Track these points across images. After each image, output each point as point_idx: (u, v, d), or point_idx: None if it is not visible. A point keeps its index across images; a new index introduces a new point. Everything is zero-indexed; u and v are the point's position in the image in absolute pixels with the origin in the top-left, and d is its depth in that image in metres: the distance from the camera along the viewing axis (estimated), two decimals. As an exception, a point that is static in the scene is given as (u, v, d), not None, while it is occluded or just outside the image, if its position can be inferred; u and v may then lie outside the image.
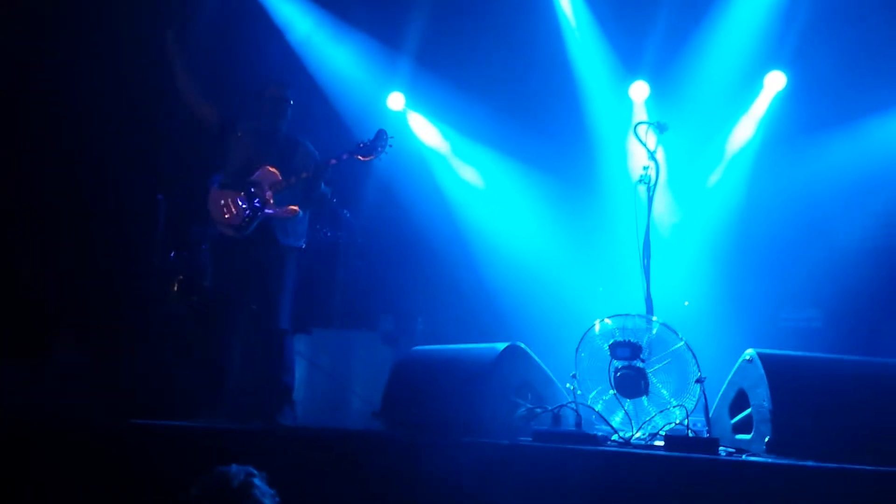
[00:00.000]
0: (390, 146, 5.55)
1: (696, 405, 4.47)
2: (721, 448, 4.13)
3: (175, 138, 6.88)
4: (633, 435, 4.49)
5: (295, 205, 5.47)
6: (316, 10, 7.77)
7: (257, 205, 5.41)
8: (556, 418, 4.57)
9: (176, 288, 6.72)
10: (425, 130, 8.13)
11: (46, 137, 7.09)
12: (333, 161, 5.47)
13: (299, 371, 6.31)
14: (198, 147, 6.02)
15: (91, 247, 7.16)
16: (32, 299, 6.68)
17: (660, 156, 5.11)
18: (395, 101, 7.99)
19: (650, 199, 4.97)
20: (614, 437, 4.45)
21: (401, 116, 8.01)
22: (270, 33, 7.65)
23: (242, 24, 7.57)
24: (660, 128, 5.13)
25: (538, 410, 4.67)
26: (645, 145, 5.05)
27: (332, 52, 7.84)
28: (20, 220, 6.94)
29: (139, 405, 5.39)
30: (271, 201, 5.42)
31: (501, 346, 4.77)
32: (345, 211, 7.38)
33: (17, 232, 6.90)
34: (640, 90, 7.26)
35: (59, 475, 4.33)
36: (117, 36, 6.98)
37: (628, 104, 7.26)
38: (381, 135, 5.53)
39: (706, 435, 4.39)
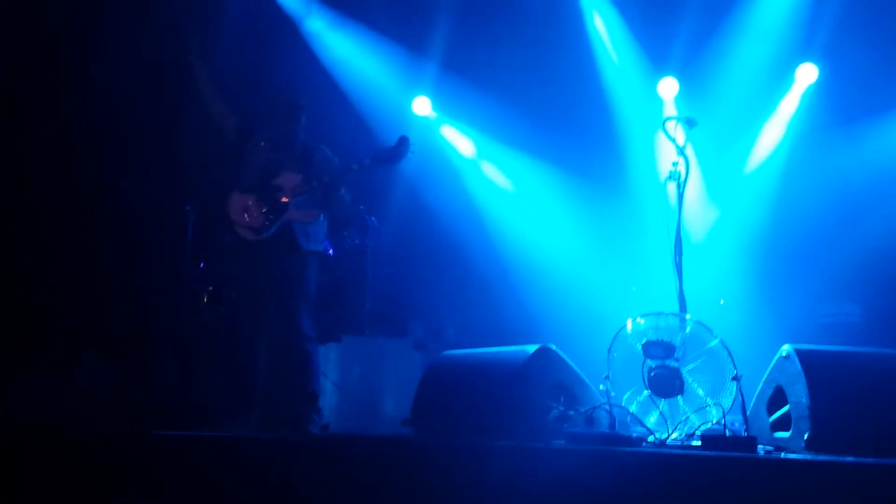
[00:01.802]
0: (412, 152, 5.51)
1: (732, 403, 4.37)
2: (759, 446, 4.03)
3: (202, 148, 6.89)
4: (668, 435, 4.40)
5: (314, 209, 5.47)
6: (340, 16, 7.76)
7: (277, 208, 5.41)
8: (590, 420, 4.48)
9: (205, 299, 6.74)
10: (451, 134, 8.09)
11: (76, 150, 7.12)
12: (355, 166, 5.46)
13: (331, 378, 6.30)
14: (224, 157, 6.03)
15: (121, 258, 7.19)
16: (62, 311, 6.70)
17: (689, 151, 5.02)
18: (421, 105, 7.96)
19: (680, 196, 4.87)
20: (650, 438, 4.36)
21: (426, 121, 7.97)
22: (294, 41, 7.64)
23: (265, 32, 7.57)
24: (689, 123, 5.04)
25: (571, 413, 4.59)
26: (674, 141, 4.96)
27: (358, 59, 7.82)
28: (50, 232, 6.98)
29: (167, 415, 5.40)
30: (291, 205, 5.41)
31: (532, 348, 4.71)
32: (372, 217, 7.36)
33: (47, 244, 6.94)
34: (668, 87, 7.16)
35: (84, 484, 4.32)
36: (147, 45, 7.00)
37: (657, 101, 7.16)
38: (403, 141, 5.49)
39: (744, 433, 4.29)
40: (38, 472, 4.38)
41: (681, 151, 4.92)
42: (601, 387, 4.67)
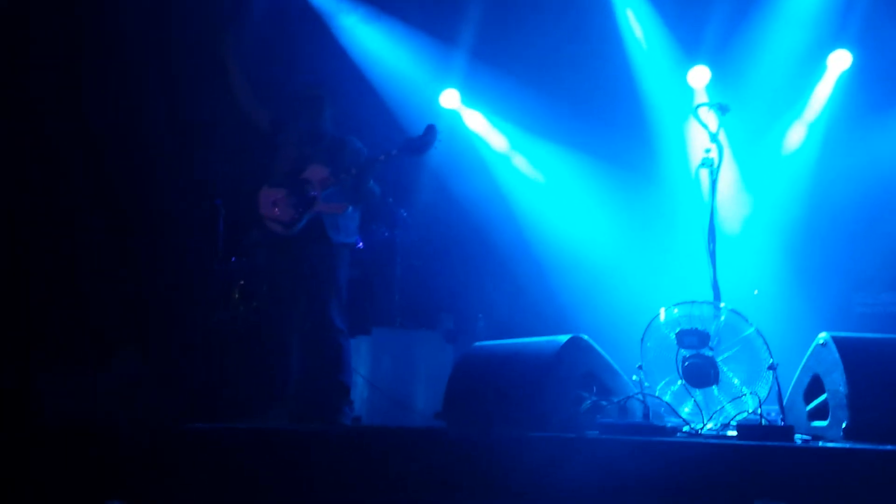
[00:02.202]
0: (440, 141, 5.48)
1: (769, 393, 4.31)
2: (797, 435, 3.97)
3: (235, 144, 6.91)
4: (703, 425, 4.35)
5: (344, 202, 5.45)
6: (369, 8, 7.74)
7: (306, 202, 5.41)
8: (623, 410, 4.44)
9: (237, 294, 6.76)
10: (480, 125, 8.05)
11: (106, 148, 7.16)
12: (382, 157, 5.44)
13: (362, 371, 6.30)
14: (254, 151, 6.05)
15: (154, 255, 7.23)
16: (95, 307, 6.75)
17: (722, 138, 4.95)
18: (449, 97, 7.94)
19: (713, 183, 4.80)
20: (685, 428, 4.31)
21: (455, 113, 7.94)
22: (323, 34, 7.63)
23: (295, 26, 7.58)
24: (721, 109, 4.96)
25: (604, 403, 4.55)
26: (706, 127, 4.89)
27: (386, 51, 7.81)
28: (83, 230, 7.03)
29: (199, 410, 5.43)
30: (320, 198, 5.41)
31: (564, 338, 4.67)
32: (401, 210, 7.36)
33: (80, 242, 6.99)
34: (700, 75, 7.08)
35: (119, 478, 4.35)
36: (176, 40, 7.03)
37: (688, 89, 7.08)
38: (430, 130, 5.46)
39: (781, 423, 4.22)
40: (71, 467, 4.42)
41: (713, 138, 4.85)
42: (634, 377, 4.62)
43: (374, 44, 7.79)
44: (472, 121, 8.04)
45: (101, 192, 7.10)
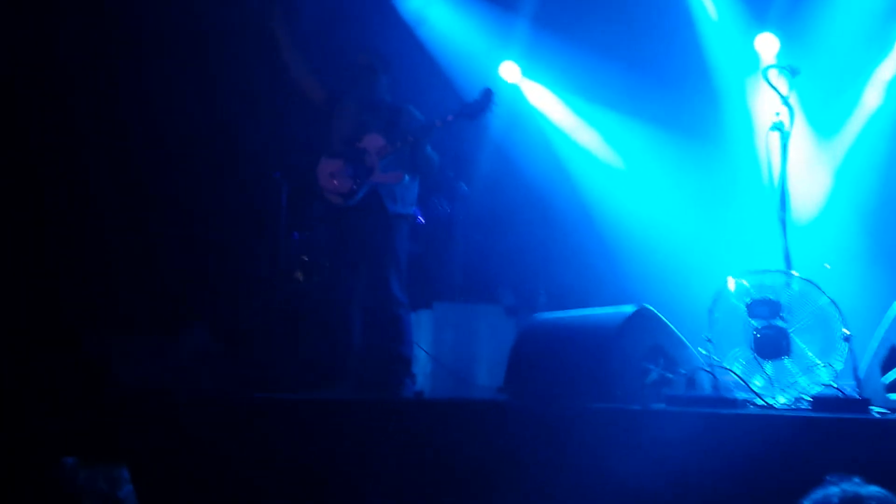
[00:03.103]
0: (497, 105, 5.40)
1: (844, 365, 4.15)
2: (873, 408, 3.81)
3: (297, 117, 6.91)
4: (775, 398, 4.21)
5: (401, 170, 5.40)
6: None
7: (364, 172, 5.37)
8: (691, 383, 4.32)
9: (300, 269, 6.79)
10: (540, 97, 7.92)
11: (173, 122, 7.23)
12: (438, 123, 5.38)
13: (424, 345, 6.27)
14: (313, 123, 6.04)
15: (219, 228, 7.30)
16: (166, 280, 6.85)
17: (793, 101, 4.77)
18: (509, 70, 7.83)
19: (784, 147, 4.63)
20: (757, 401, 4.18)
21: (514, 87, 7.83)
22: (381, 3, 7.57)
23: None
24: (791, 71, 4.79)
25: (671, 376, 4.44)
26: (777, 90, 4.72)
27: (445, 20, 7.71)
28: (156, 205, 7.13)
29: (265, 381, 5.48)
30: (377, 168, 5.37)
31: (629, 308, 4.56)
32: (461, 184, 7.29)
33: (151, 214, 7.09)
34: (767, 42, 6.83)
35: (187, 446, 4.40)
36: (232, 15, 7.05)
37: (754, 55, 6.85)
38: (486, 93, 5.38)
39: (856, 395, 4.07)
40: (145, 435, 4.49)
41: (784, 101, 4.68)
42: (701, 350, 4.50)
43: (434, 13, 7.68)
44: (532, 93, 7.91)
45: (172, 169, 7.19)
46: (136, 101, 7.07)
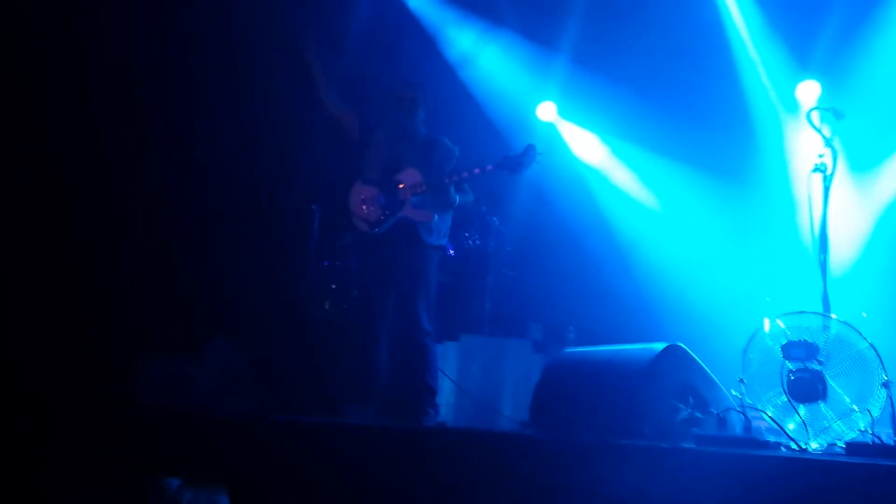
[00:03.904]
0: (538, 162, 5.39)
1: (881, 412, 4.03)
2: (912, 457, 3.69)
3: (331, 147, 6.95)
4: (808, 443, 4.09)
5: (432, 209, 5.40)
6: (469, 16, 7.71)
7: (395, 205, 5.37)
8: (722, 423, 4.22)
9: (328, 299, 6.78)
10: (575, 136, 7.92)
11: (207, 149, 7.29)
12: (477, 171, 5.38)
13: (450, 376, 6.21)
14: (348, 156, 6.06)
15: (252, 253, 7.33)
16: (193, 300, 6.86)
17: (836, 144, 4.70)
18: (546, 110, 7.87)
19: (826, 190, 4.56)
20: (791, 444, 4.06)
21: (550, 126, 7.85)
22: (421, 37, 7.63)
23: (393, 30, 7.59)
24: (836, 114, 4.73)
25: (701, 415, 4.33)
26: (820, 132, 4.66)
27: (485, 57, 7.76)
28: (184, 226, 7.17)
29: (289, 403, 5.43)
30: (409, 202, 5.37)
31: (660, 346, 4.48)
32: (494, 218, 7.28)
33: (182, 236, 7.13)
34: (809, 89, 6.78)
35: (205, 466, 4.36)
36: (271, 46, 7.12)
37: (794, 97, 6.80)
38: (529, 150, 5.37)
39: (893, 443, 3.94)
40: (164, 453, 4.45)
41: (828, 143, 4.61)
42: (734, 392, 4.40)
43: (473, 49, 7.74)
44: (568, 131, 7.91)
45: (205, 193, 7.23)
46: (167, 120, 7.14)
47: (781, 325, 4.32)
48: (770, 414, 4.25)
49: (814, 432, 4.15)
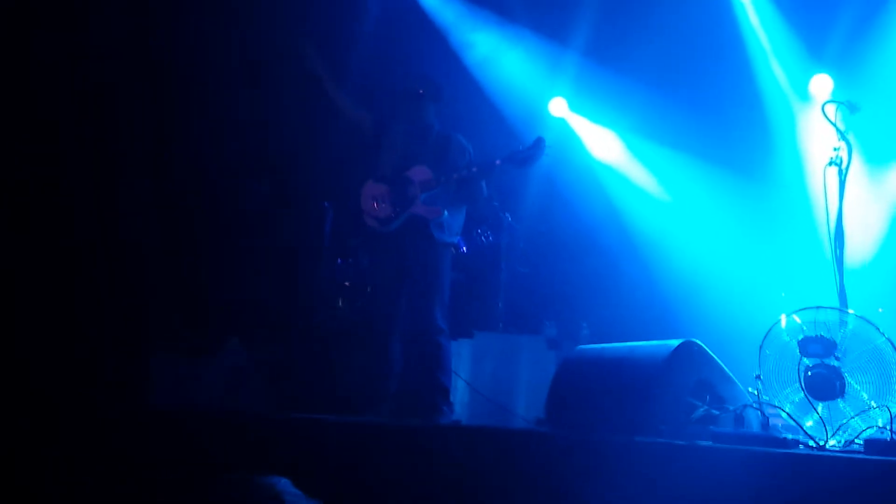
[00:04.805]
0: (547, 154, 5.36)
1: (900, 408, 3.99)
2: (932, 454, 3.65)
3: (342, 145, 6.95)
4: (826, 440, 4.06)
5: (442, 206, 5.38)
6: (480, 11, 7.69)
7: (405, 202, 5.36)
8: (739, 420, 4.19)
9: (341, 298, 6.79)
10: (587, 131, 7.89)
11: (220, 147, 7.30)
12: (486, 167, 5.36)
13: (463, 375, 6.20)
14: (362, 154, 6.06)
15: (263, 253, 7.33)
16: (205, 300, 6.88)
17: (851, 137, 4.66)
18: (558, 106, 7.86)
19: (842, 184, 4.52)
20: (809, 442, 4.03)
21: (562, 121, 7.82)
22: (433, 35, 7.62)
23: (405, 28, 7.58)
24: (851, 108, 4.69)
25: (717, 412, 4.31)
26: (835, 125, 4.62)
27: (497, 54, 7.74)
28: (197, 225, 7.18)
29: (303, 402, 5.44)
30: (419, 199, 5.36)
31: (676, 342, 4.45)
32: (506, 214, 7.26)
33: (195, 236, 7.14)
34: (822, 83, 6.74)
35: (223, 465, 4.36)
36: (284, 47, 7.12)
37: (808, 91, 6.76)
38: (538, 143, 5.34)
39: (913, 440, 3.91)
40: (181, 454, 4.46)
41: (843, 136, 4.57)
42: (751, 389, 4.37)
43: (485, 45, 7.72)
44: (580, 126, 7.89)
45: (219, 192, 7.24)
46: (180, 119, 7.15)
47: (798, 320, 4.28)
48: (787, 410, 4.22)
49: (831, 428, 4.11)
